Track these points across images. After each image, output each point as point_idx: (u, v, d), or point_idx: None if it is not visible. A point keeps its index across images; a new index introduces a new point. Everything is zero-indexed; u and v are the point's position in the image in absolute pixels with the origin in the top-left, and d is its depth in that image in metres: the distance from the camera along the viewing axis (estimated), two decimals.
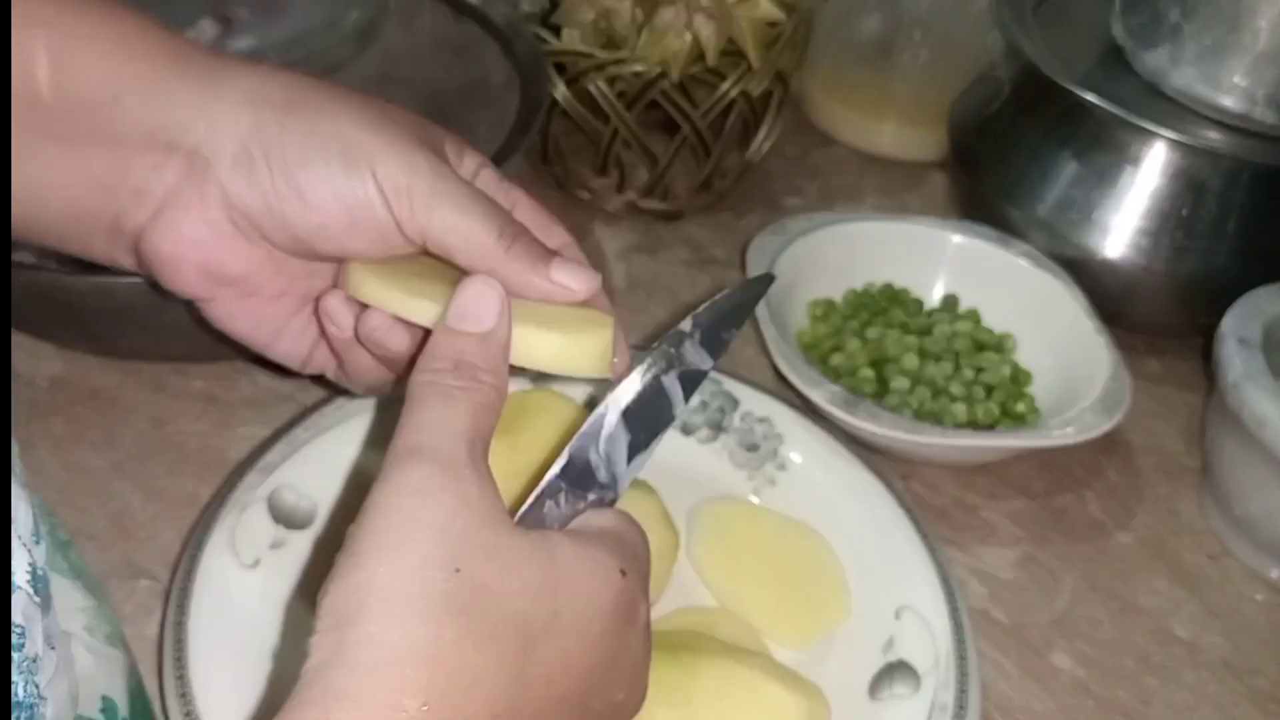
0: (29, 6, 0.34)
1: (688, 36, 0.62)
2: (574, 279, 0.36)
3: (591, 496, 0.33)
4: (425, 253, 0.36)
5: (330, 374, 0.41)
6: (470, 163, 0.39)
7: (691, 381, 0.35)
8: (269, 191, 0.35)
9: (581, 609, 0.29)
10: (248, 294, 0.38)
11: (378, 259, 0.36)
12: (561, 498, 0.32)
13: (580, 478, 0.33)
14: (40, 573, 0.31)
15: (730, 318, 0.36)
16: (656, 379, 0.34)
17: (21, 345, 0.57)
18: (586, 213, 0.72)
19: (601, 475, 0.33)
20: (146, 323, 0.50)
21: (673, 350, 0.35)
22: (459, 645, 0.26)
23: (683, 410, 0.35)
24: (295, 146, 0.34)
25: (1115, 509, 0.58)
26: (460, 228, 0.35)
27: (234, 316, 0.38)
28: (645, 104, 0.65)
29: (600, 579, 0.30)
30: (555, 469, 0.32)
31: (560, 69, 0.65)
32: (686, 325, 0.35)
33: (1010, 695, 0.49)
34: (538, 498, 0.32)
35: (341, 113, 0.35)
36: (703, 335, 0.35)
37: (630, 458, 0.34)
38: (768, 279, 0.40)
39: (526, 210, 0.39)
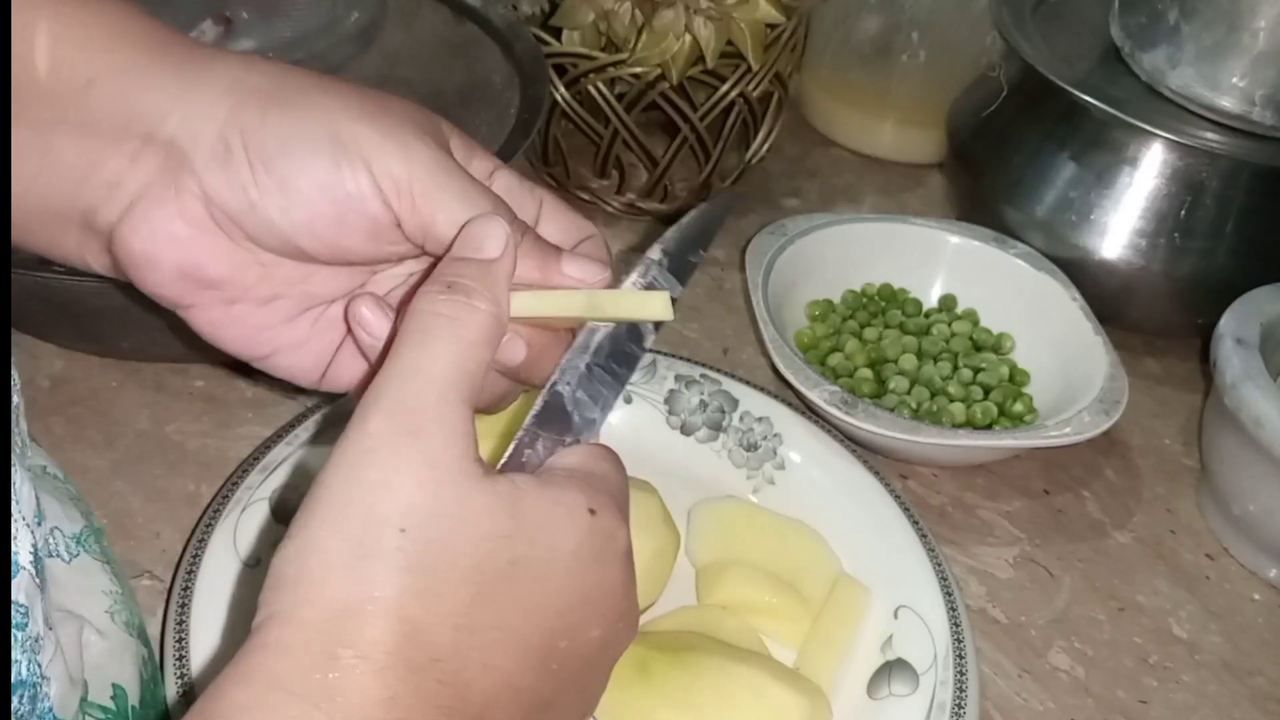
0: None
1: (687, 38, 0.62)
2: (585, 271, 0.34)
3: (569, 439, 0.32)
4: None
5: (357, 394, 0.38)
6: (481, 165, 0.37)
7: None
8: (249, 184, 0.32)
9: (543, 555, 0.29)
10: (233, 300, 0.35)
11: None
12: (539, 444, 0.32)
13: (555, 420, 0.32)
14: (40, 554, 0.31)
15: (697, 241, 0.36)
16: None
17: (22, 345, 0.57)
18: (587, 213, 0.71)
19: (576, 417, 0.33)
20: (146, 323, 0.50)
21: (642, 280, 0.34)
22: (397, 603, 0.26)
23: (653, 339, 0.35)
24: (277, 137, 0.32)
25: (1114, 509, 0.58)
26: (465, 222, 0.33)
27: (219, 325, 0.35)
28: (645, 105, 0.65)
29: (566, 522, 0.29)
30: (530, 416, 0.32)
31: (560, 71, 0.65)
32: (655, 253, 0.35)
33: (1009, 694, 0.49)
34: (516, 446, 0.31)
35: (331, 103, 0.33)
36: (670, 261, 0.35)
37: (604, 394, 0.33)
38: (732, 196, 0.39)
39: (552, 207, 0.38)
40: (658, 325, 0.35)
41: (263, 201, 0.32)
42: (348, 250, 0.34)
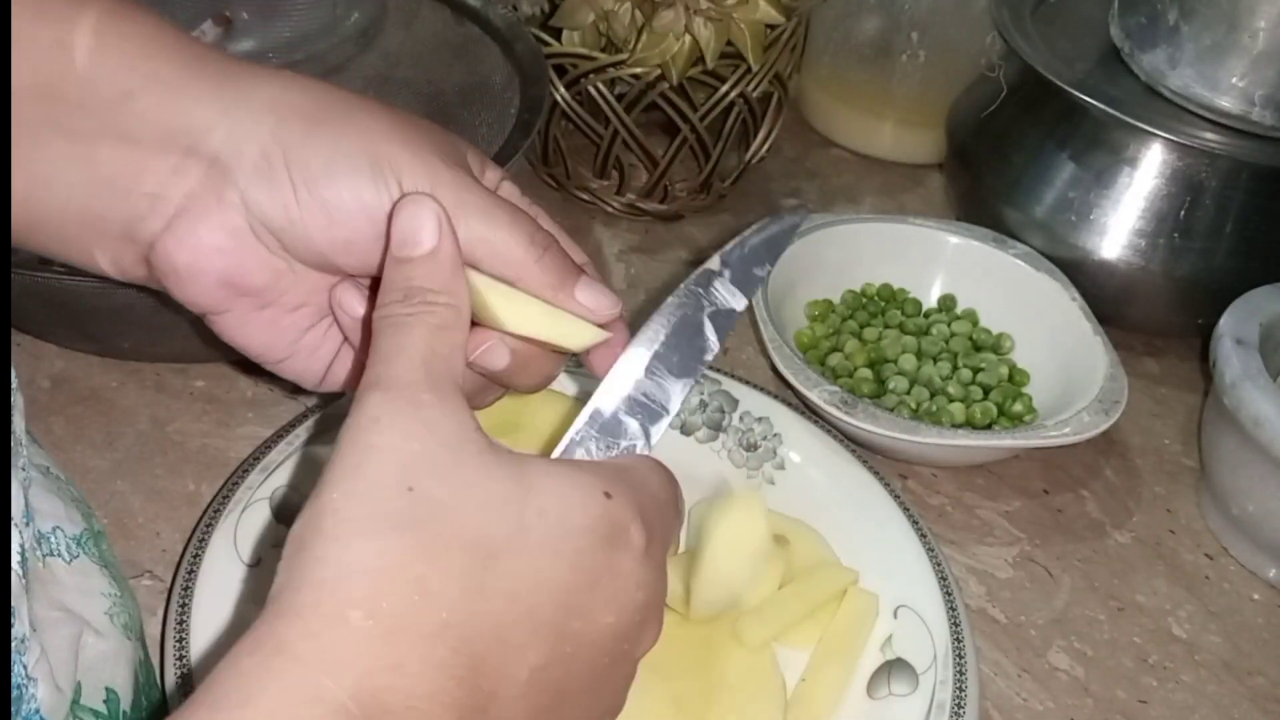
0: None
1: (687, 39, 0.62)
2: (597, 301, 0.35)
3: (623, 444, 0.32)
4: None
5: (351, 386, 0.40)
6: (492, 175, 0.38)
7: (724, 322, 0.34)
8: (291, 204, 0.34)
9: (553, 526, 0.29)
10: (265, 305, 0.36)
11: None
12: (592, 445, 0.31)
13: (609, 425, 0.32)
14: (27, 555, 0.31)
15: (762, 253, 0.36)
16: (687, 319, 0.33)
17: (22, 345, 0.57)
18: (586, 213, 0.72)
19: (630, 423, 0.32)
20: (147, 323, 0.50)
21: (700, 290, 0.34)
22: (406, 560, 0.26)
23: (717, 352, 0.34)
24: (321, 159, 0.33)
25: (1113, 509, 0.58)
26: (488, 238, 0.34)
27: (247, 329, 0.37)
28: (645, 106, 0.65)
29: (576, 498, 0.29)
30: (583, 418, 0.31)
31: (560, 71, 0.65)
32: (715, 264, 0.34)
33: (1008, 694, 0.49)
34: (568, 445, 0.31)
35: (369, 124, 0.34)
36: (733, 274, 0.34)
37: (659, 402, 0.33)
38: (802, 210, 0.39)
39: (547, 226, 0.39)
40: (721, 335, 0.34)
41: (304, 218, 0.34)
42: (378, 265, 0.35)
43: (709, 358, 0.34)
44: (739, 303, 0.35)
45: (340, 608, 0.25)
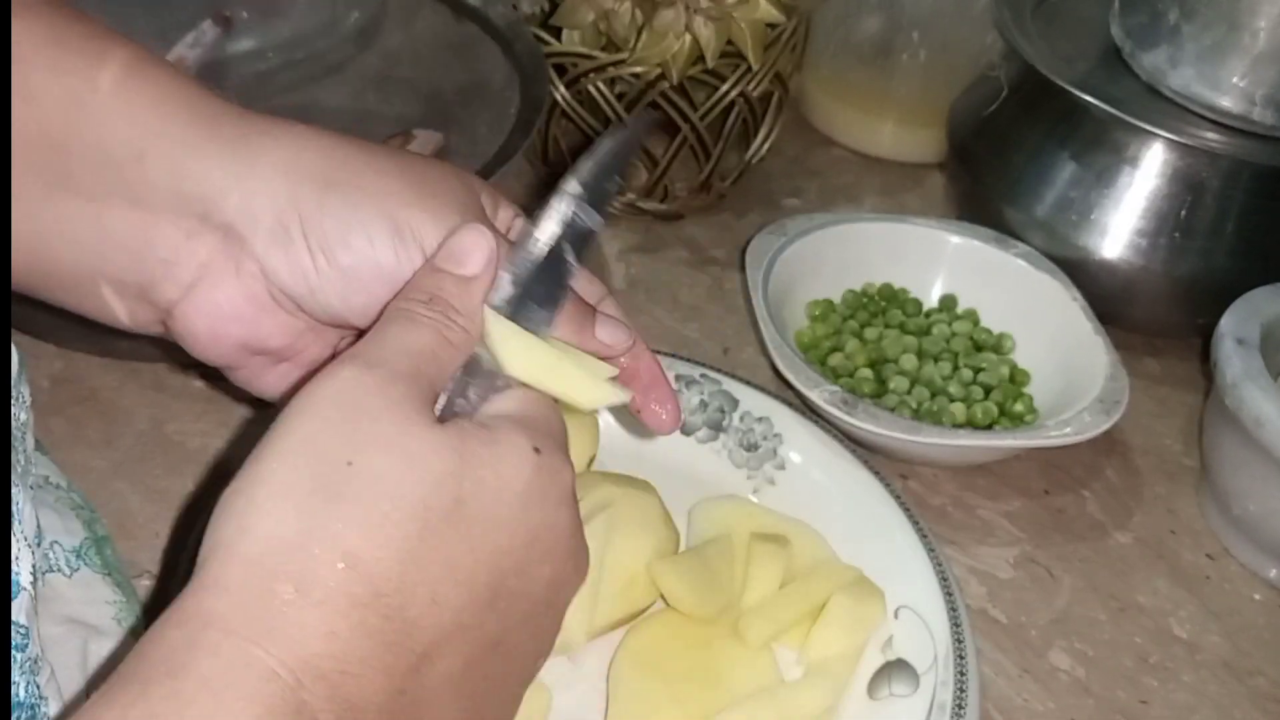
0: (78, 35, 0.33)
1: (687, 38, 0.62)
2: (615, 337, 0.36)
3: (499, 383, 0.32)
4: None
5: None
6: (505, 214, 0.38)
7: (583, 243, 0.34)
8: (310, 272, 0.34)
9: (490, 493, 0.29)
10: (282, 360, 0.37)
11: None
12: (470, 392, 0.32)
13: (482, 369, 0.32)
14: (39, 572, 0.31)
15: (613, 168, 0.35)
16: (551, 251, 0.33)
17: (22, 345, 0.57)
18: None
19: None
20: None
21: (562, 217, 0.34)
22: (338, 533, 0.26)
23: (577, 274, 0.34)
24: (337, 227, 0.33)
25: (1114, 509, 0.58)
26: None
27: (263, 380, 0.38)
28: (645, 105, 0.65)
29: (512, 462, 0.30)
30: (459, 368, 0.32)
31: (560, 70, 0.65)
32: (571, 187, 0.34)
33: (1009, 695, 0.49)
34: (448, 399, 0.31)
35: (382, 187, 0.34)
36: (589, 195, 0.34)
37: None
38: (647, 117, 0.38)
39: None
40: (580, 258, 0.34)
41: (323, 286, 0.34)
42: None
43: (571, 281, 0.34)
44: (595, 222, 0.34)
45: (268, 582, 0.25)
